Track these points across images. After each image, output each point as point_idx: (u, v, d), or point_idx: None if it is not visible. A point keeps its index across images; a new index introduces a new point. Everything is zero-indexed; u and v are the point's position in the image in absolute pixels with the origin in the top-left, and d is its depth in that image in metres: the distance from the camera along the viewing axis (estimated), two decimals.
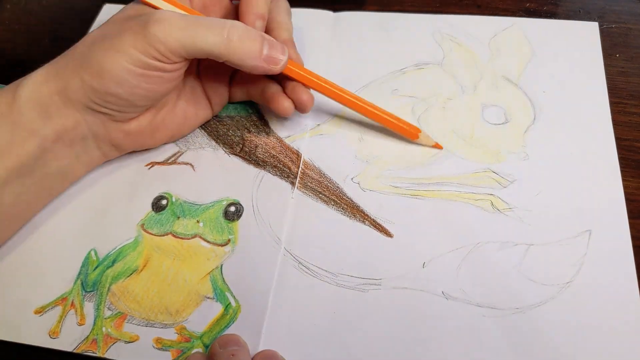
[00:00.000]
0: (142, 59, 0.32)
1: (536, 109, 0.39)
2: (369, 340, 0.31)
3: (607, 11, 0.44)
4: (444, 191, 0.36)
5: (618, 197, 0.34)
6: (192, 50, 0.32)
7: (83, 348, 0.32)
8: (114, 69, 0.32)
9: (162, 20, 0.32)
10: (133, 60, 0.32)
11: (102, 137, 0.35)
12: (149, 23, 0.31)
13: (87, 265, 0.35)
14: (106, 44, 0.32)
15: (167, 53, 0.32)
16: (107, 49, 0.32)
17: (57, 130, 0.33)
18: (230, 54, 0.33)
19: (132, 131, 0.36)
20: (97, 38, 0.33)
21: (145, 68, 0.32)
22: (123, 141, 0.37)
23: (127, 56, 0.32)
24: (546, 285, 0.32)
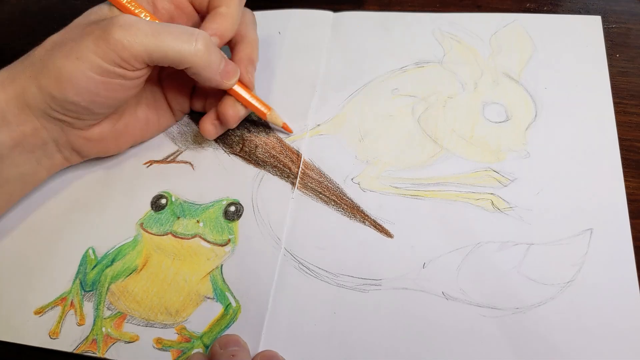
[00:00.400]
0: (103, 65, 0.31)
1: (537, 105, 0.38)
2: (369, 340, 0.31)
3: (607, 11, 0.44)
4: (444, 191, 0.36)
5: (619, 196, 0.34)
6: (158, 57, 0.32)
7: (83, 348, 0.32)
8: (73, 77, 0.31)
9: (127, 25, 0.31)
10: (94, 68, 0.31)
11: (62, 143, 0.35)
12: (112, 28, 0.30)
13: (85, 264, 0.35)
14: (66, 50, 0.31)
15: (130, 60, 0.31)
16: (67, 55, 0.31)
17: (15, 137, 0.32)
18: (195, 63, 0.32)
19: (93, 137, 0.36)
20: (57, 43, 0.32)
21: (106, 75, 0.31)
22: (85, 147, 0.36)
23: (87, 63, 0.31)
24: (547, 285, 0.32)
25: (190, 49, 0.32)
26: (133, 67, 0.32)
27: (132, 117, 0.37)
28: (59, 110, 0.32)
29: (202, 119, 0.37)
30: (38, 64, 0.32)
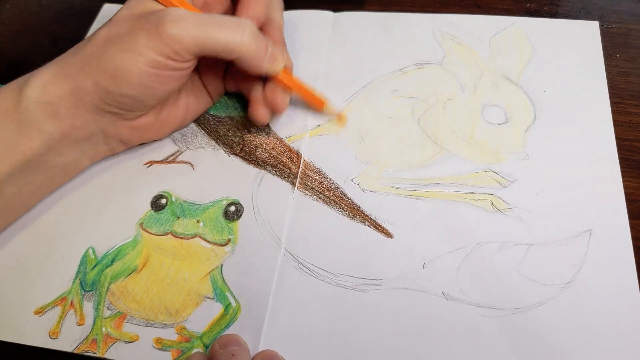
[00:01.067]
0: (157, 59, 0.32)
1: (537, 108, 0.39)
2: (369, 340, 0.31)
3: (607, 11, 0.44)
4: (444, 191, 0.36)
5: (618, 197, 0.34)
6: (207, 48, 0.32)
7: (83, 348, 0.32)
8: (129, 71, 0.32)
9: (178, 19, 0.32)
10: (148, 61, 0.32)
11: (110, 135, 0.36)
12: (164, 22, 0.31)
13: (85, 264, 0.35)
14: (120, 45, 0.32)
15: (182, 52, 0.32)
16: (122, 51, 0.32)
17: (64, 129, 0.33)
18: (243, 53, 0.33)
19: (140, 127, 0.36)
20: (109, 38, 0.33)
21: (159, 68, 0.32)
22: (131, 136, 0.37)
23: (142, 57, 0.31)
24: (546, 286, 0.32)
25: (238, 39, 0.33)
26: (184, 59, 0.33)
27: (174, 105, 0.38)
28: (112, 103, 0.33)
29: (250, 106, 0.38)
30: (91, 60, 0.32)
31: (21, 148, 0.32)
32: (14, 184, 0.33)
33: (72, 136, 0.34)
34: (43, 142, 0.32)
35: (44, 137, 0.32)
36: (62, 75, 0.33)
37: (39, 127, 0.32)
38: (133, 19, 0.33)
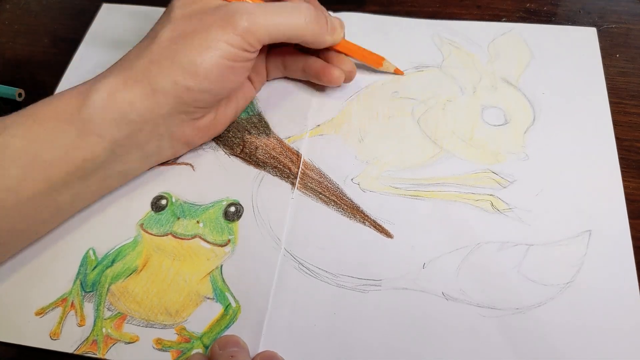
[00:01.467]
0: (232, 51, 0.32)
1: (536, 110, 0.39)
2: (369, 340, 0.31)
3: (607, 11, 0.44)
4: (444, 192, 0.36)
5: (618, 197, 0.34)
6: (276, 35, 0.34)
7: (84, 349, 0.32)
8: (208, 66, 0.32)
9: (248, 12, 0.33)
10: (225, 54, 0.32)
11: (177, 136, 0.35)
12: (236, 16, 0.32)
13: (86, 265, 0.35)
14: (194, 42, 0.32)
15: (254, 42, 0.33)
16: (198, 46, 0.32)
17: (132, 133, 0.33)
18: (308, 34, 0.35)
19: (203, 126, 0.36)
20: (175, 38, 0.33)
21: (234, 60, 0.33)
22: (195, 137, 0.37)
23: (220, 51, 0.32)
24: (546, 286, 0.32)
25: (302, 22, 0.34)
26: (255, 49, 0.34)
27: (230, 100, 0.38)
28: (189, 102, 0.33)
29: (321, 73, 0.39)
30: (163, 60, 0.32)
31: (81, 155, 0.31)
32: (68, 193, 0.32)
33: (139, 141, 0.33)
34: (105, 149, 0.32)
35: (107, 144, 0.32)
36: (132, 79, 0.32)
37: (103, 133, 0.31)
38: (198, 16, 0.33)
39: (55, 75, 0.44)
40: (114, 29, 0.47)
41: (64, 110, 0.31)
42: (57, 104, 0.32)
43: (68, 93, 0.32)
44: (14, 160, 0.30)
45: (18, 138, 0.30)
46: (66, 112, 0.31)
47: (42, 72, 0.45)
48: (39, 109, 0.32)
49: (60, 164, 0.31)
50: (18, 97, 0.43)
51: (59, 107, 0.32)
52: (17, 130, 0.31)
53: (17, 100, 0.43)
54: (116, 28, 0.47)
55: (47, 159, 0.31)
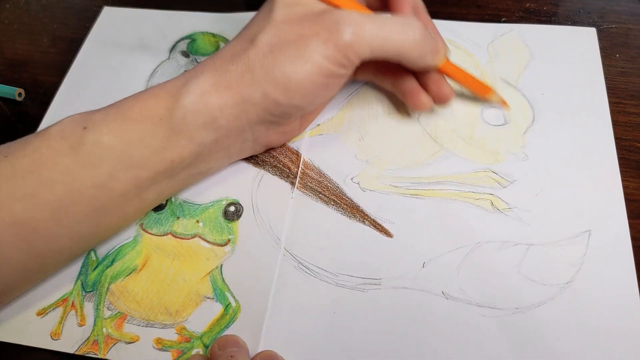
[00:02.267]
0: (330, 68, 0.30)
1: (535, 110, 0.39)
2: (368, 340, 0.31)
3: (607, 11, 0.44)
4: (444, 190, 0.36)
5: (618, 197, 0.34)
6: (380, 53, 0.31)
7: (85, 349, 0.32)
8: (303, 81, 0.30)
9: (354, 23, 0.30)
10: (323, 72, 0.30)
11: (260, 140, 0.35)
12: (341, 27, 0.30)
13: (87, 266, 0.35)
14: (291, 53, 0.30)
15: (354, 58, 0.30)
16: (294, 59, 0.30)
17: (219, 138, 0.32)
18: (414, 55, 0.32)
19: (288, 131, 0.36)
20: (274, 45, 0.31)
21: (329, 77, 0.31)
22: (278, 140, 0.36)
23: (316, 67, 0.30)
24: (546, 286, 0.32)
25: (410, 40, 0.31)
26: (353, 65, 0.31)
27: None
28: (277, 114, 0.32)
29: (409, 96, 0.36)
30: (258, 69, 0.31)
31: (169, 156, 0.31)
32: (153, 190, 0.32)
33: (225, 144, 0.33)
34: (193, 151, 0.32)
35: (195, 147, 0.31)
36: (223, 85, 0.31)
37: (192, 136, 0.31)
38: (299, 22, 0.31)
39: (55, 75, 0.44)
40: (115, 31, 0.47)
41: (155, 111, 0.31)
42: (148, 104, 0.31)
43: (159, 91, 0.32)
44: (105, 158, 0.30)
45: (109, 136, 0.30)
46: (157, 112, 0.31)
47: (42, 72, 0.45)
48: (129, 107, 0.31)
49: (149, 163, 0.31)
50: (18, 96, 0.43)
51: (150, 107, 0.31)
52: (108, 128, 0.30)
53: (17, 100, 0.43)
54: (117, 31, 0.47)
55: (137, 159, 0.30)
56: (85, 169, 0.30)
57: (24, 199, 0.29)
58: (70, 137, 0.30)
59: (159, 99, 0.31)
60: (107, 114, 0.31)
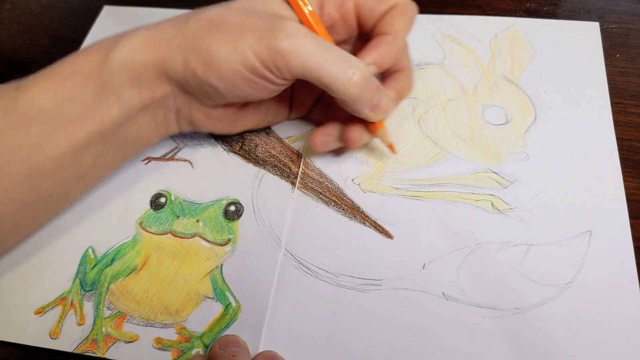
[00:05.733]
0: (256, 65, 0.30)
1: (537, 109, 0.39)
2: (369, 340, 0.31)
3: (607, 11, 0.44)
4: (445, 192, 0.36)
5: (619, 197, 0.34)
6: (311, 78, 0.30)
7: (83, 348, 0.32)
8: (223, 64, 0.30)
9: (295, 37, 0.30)
10: (246, 64, 0.30)
11: (183, 115, 0.35)
12: (279, 34, 0.29)
13: (85, 264, 0.35)
14: (224, 35, 0.30)
15: (284, 71, 0.30)
16: (224, 41, 0.30)
17: (144, 100, 0.32)
18: (346, 95, 0.31)
19: (214, 116, 0.35)
20: (214, 22, 0.31)
21: (254, 74, 0.31)
22: (202, 123, 0.36)
23: (242, 57, 0.30)
24: (546, 286, 0.32)
25: (345, 80, 0.30)
26: (282, 77, 0.31)
27: (254, 106, 0.37)
28: (194, 86, 0.32)
29: (315, 130, 0.36)
30: (190, 37, 0.31)
31: (99, 115, 0.31)
32: (89, 154, 0.32)
33: (150, 109, 0.33)
34: (121, 111, 0.31)
35: (122, 106, 0.31)
36: (153, 43, 0.31)
37: (119, 93, 0.31)
38: (250, 14, 0.31)
39: None
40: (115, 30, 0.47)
41: (85, 66, 0.31)
42: (78, 60, 0.32)
43: (91, 48, 0.32)
44: (37, 117, 0.30)
45: (42, 95, 0.30)
46: (87, 67, 0.31)
47: None
48: (63, 65, 0.32)
49: (81, 122, 0.31)
50: None
51: (81, 63, 0.31)
52: (38, 87, 0.31)
53: None
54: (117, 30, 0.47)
55: (68, 117, 0.31)
56: (18, 129, 0.30)
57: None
58: (3, 98, 0.31)
59: (90, 54, 0.32)
60: (45, 74, 0.31)
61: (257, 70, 0.30)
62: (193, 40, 0.31)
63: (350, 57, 0.31)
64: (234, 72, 0.31)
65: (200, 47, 0.30)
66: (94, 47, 0.32)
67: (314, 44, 0.30)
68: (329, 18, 0.34)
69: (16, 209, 0.31)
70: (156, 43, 0.31)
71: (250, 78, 0.31)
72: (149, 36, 0.32)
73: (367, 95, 0.32)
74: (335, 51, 0.31)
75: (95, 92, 0.31)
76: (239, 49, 0.30)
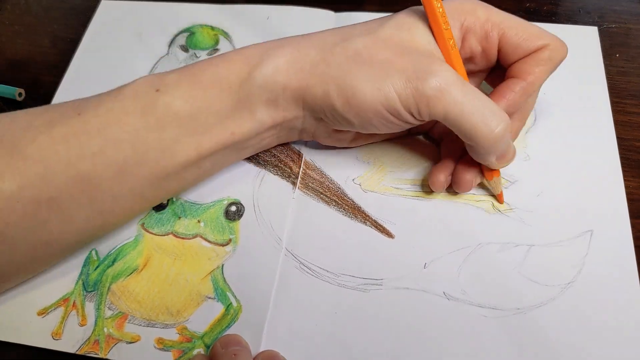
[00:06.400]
0: (398, 108, 0.29)
1: (537, 110, 0.39)
2: (370, 340, 0.31)
3: (607, 11, 0.44)
4: (445, 192, 0.36)
5: (619, 197, 0.34)
6: (451, 124, 0.29)
7: (86, 349, 0.32)
8: (365, 104, 0.29)
9: (444, 81, 0.28)
10: (389, 107, 0.29)
11: (308, 131, 0.35)
12: (428, 77, 0.28)
13: (89, 265, 0.35)
14: (370, 73, 0.29)
15: (424, 115, 0.29)
16: (369, 80, 0.29)
17: (277, 120, 0.32)
18: (483, 145, 0.30)
19: (337, 137, 0.35)
20: (362, 57, 0.30)
21: (393, 115, 0.30)
22: (324, 139, 0.36)
23: (386, 99, 0.29)
24: (547, 286, 0.32)
25: (487, 132, 0.29)
26: (420, 119, 0.30)
27: None
28: (330, 117, 0.32)
29: (435, 170, 0.35)
30: (334, 69, 0.30)
31: (231, 128, 0.31)
32: (212, 159, 0.33)
33: (279, 126, 0.33)
34: (253, 128, 0.32)
35: (255, 124, 0.32)
36: (297, 66, 0.31)
37: (254, 111, 0.31)
38: (397, 50, 0.30)
39: (55, 75, 0.44)
40: (113, 25, 0.47)
41: (227, 79, 0.31)
42: (220, 69, 0.31)
43: (234, 57, 0.32)
44: (173, 122, 0.30)
45: (181, 101, 0.30)
46: (228, 79, 0.31)
47: (42, 72, 0.45)
48: (202, 71, 0.31)
49: (213, 132, 0.31)
50: (18, 96, 0.43)
51: (223, 74, 0.31)
52: (179, 92, 0.31)
53: (17, 100, 0.43)
54: (116, 25, 0.47)
55: (202, 125, 0.31)
56: (153, 131, 0.30)
57: (92, 156, 0.29)
58: (144, 98, 0.30)
59: (233, 66, 0.31)
60: (180, 78, 0.31)
61: (398, 112, 0.30)
62: (337, 73, 0.30)
63: (494, 106, 0.30)
64: (375, 112, 0.30)
65: (344, 82, 0.30)
66: (237, 58, 0.32)
67: (461, 91, 0.29)
68: (470, 50, 0.33)
69: (136, 204, 0.32)
70: (299, 68, 0.31)
71: (389, 118, 0.30)
72: (292, 58, 0.31)
73: (502, 147, 0.30)
74: (482, 100, 0.29)
75: (232, 105, 0.31)
76: (384, 90, 0.29)
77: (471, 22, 0.32)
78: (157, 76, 0.32)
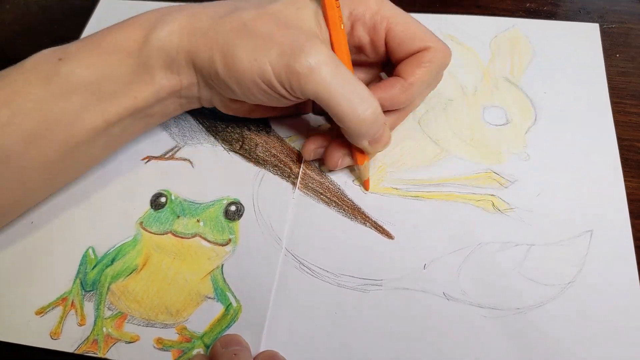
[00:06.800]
0: (272, 81, 0.31)
1: (537, 109, 0.39)
2: (370, 340, 0.31)
3: (607, 11, 0.44)
4: (445, 192, 0.36)
5: (619, 197, 0.34)
6: (322, 103, 0.30)
7: (84, 349, 0.32)
8: (243, 73, 0.31)
9: (316, 60, 0.29)
10: (264, 78, 0.31)
11: (205, 100, 0.36)
12: (300, 54, 0.29)
13: (86, 264, 0.35)
14: (250, 44, 0.31)
15: (297, 92, 0.31)
16: (248, 51, 0.30)
17: (173, 85, 0.33)
18: (352, 128, 0.31)
19: (232, 106, 0.36)
20: (246, 28, 0.31)
21: (269, 88, 0.31)
22: (223, 108, 0.37)
23: (261, 71, 0.30)
24: (547, 286, 0.32)
25: (354, 115, 0.30)
26: (296, 97, 0.31)
27: None
28: (215, 82, 0.33)
29: (309, 139, 0.36)
30: (220, 36, 0.31)
31: (134, 93, 0.32)
32: (119, 126, 0.33)
33: (179, 93, 0.34)
34: (154, 93, 0.33)
35: (155, 87, 0.32)
36: (188, 31, 0.32)
37: (153, 74, 0.32)
38: (281, 23, 0.32)
39: None
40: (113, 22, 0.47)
41: (126, 44, 0.32)
42: (121, 36, 0.32)
43: (131, 25, 0.33)
44: (78, 89, 0.31)
45: (84, 68, 0.31)
46: (128, 45, 0.32)
47: None
48: (102, 38, 0.32)
49: (117, 97, 0.32)
50: None
51: (122, 40, 0.32)
52: (84, 60, 0.31)
53: None
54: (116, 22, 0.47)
55: (106, 91, 0.32)
56: (58, 100, 0.31)
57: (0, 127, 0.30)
58: (45, 67, 0.31)
59: (130, 31, 0.32)
60: (81, 46, 0.32)
61: (273, 85, 0.31)
62: (223, 40, 0.31)
63: (365, 92, 0.31)
64: (252, 82, 0.31)
65: (228, 50, 0.31)
66: (134, 24, 0.33)
67: (331, 72, 0.30)
68: (358, 39, 0.34)
69: (47, 168, 0.32)
70: (191, 32, 0.32)
71: (266, 90, 0.31)
72: (186, 22, 0.32)
73: (371, 132, 0.32)
74: (352, 84, 0.30)
75: (132, 70, 0.32)
76: (260, 62, 0.30)
77: (361, 12, 0.33)
78: (60, 47, 0.33)
